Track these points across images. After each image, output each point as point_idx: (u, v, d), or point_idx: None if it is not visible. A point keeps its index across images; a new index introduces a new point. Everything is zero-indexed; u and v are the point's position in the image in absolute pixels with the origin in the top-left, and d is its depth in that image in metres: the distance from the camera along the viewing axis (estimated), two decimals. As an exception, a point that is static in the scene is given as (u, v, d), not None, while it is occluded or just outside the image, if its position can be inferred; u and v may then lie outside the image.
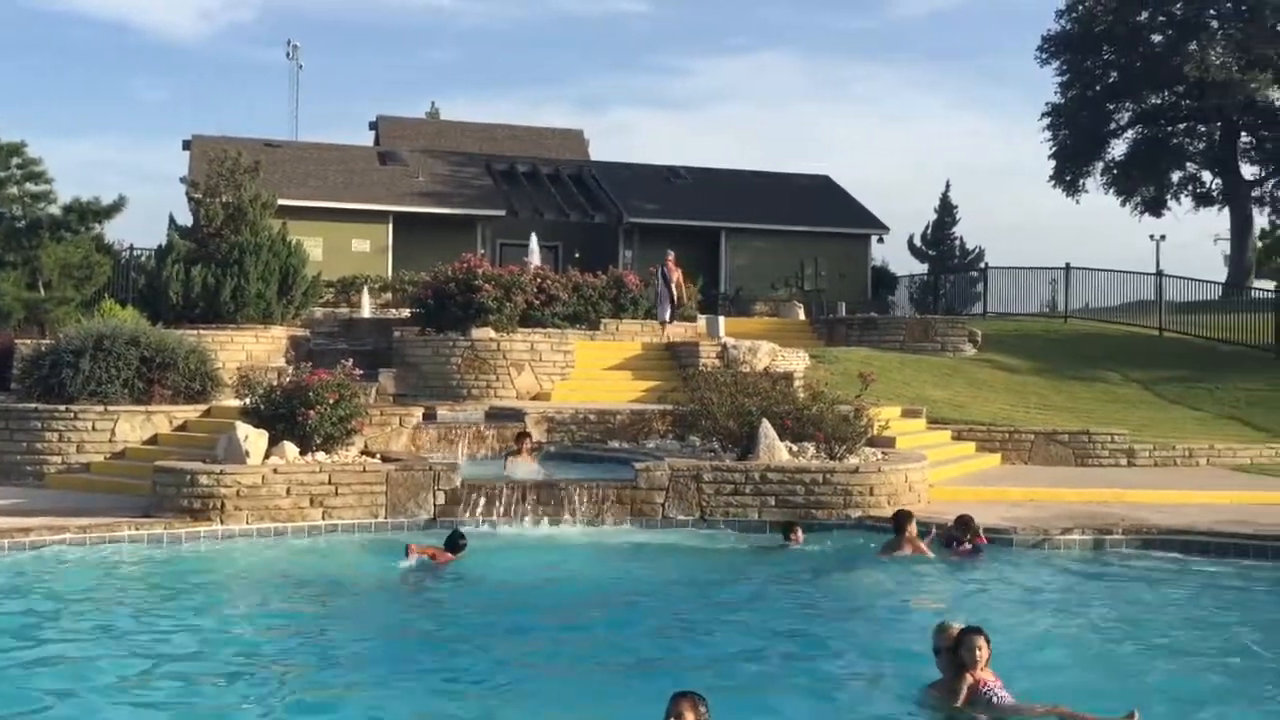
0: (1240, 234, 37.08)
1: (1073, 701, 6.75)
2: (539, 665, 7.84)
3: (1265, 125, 36.38)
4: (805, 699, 7.22)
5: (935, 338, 24.64)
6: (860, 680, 7.62)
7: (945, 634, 6.97)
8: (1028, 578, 10.88)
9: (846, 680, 7.64)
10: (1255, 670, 7.95)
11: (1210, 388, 22.05)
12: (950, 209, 45.17)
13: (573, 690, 7.30)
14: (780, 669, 7.84)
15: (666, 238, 31.89)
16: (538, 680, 7.50)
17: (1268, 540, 11.85)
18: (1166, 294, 27.46)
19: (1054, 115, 37.43)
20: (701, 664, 7.81)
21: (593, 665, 7.86)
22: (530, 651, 8.17)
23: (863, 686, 7.49)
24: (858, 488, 13.01)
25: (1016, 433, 17.63)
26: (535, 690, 7.27)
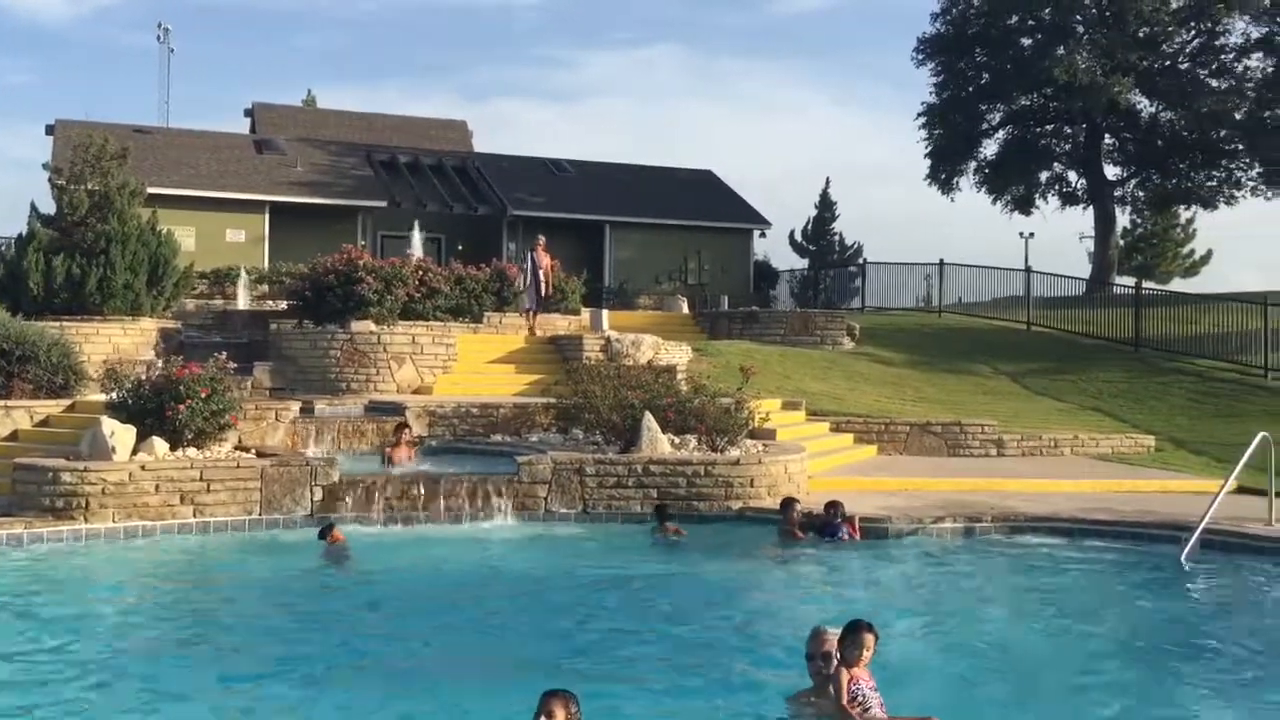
0: (1103, 232, 38.53)
1: (938, 690, 6.95)
2: (413, 661, 7.76)
3: (1127, 128, 37.83)
4: (675, 696, 7.12)
5: (815, 331, 25.10)
6: (738, 677, 7.59)
7: (820, 639, 6.44)
8: (902, 566, 11.16)
9: (722, 677, 7.55)
10: (1111, 648, 8.32)
11: (1074, 380, 22.91)
12: (830, 205, 46.17)
13: (445, 687, 7.19)
14: (652, 665, 7.76)
15: (551, 230, 31.68)
16: (411, 677, 7.40)
17: (1125, 526, 12.39)
18: (1034, 290, 28.45)
19: (929, 115, 38.34)
20: (574, 658, 7.80)
21: (468, 660, 7.80)
22: (406, 647, 8.08)
23: (740, 682, 7.47)
24: (739, 479, 13.17)
25: (892, 424, 18.06)
26: (408, 688, 7.17)
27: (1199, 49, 36.99)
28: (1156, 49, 35.98)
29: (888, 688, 6.39)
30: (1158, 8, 34.18)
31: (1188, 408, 20.76)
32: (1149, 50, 35.58)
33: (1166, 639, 8.77)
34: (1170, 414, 20.31)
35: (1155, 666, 8.02)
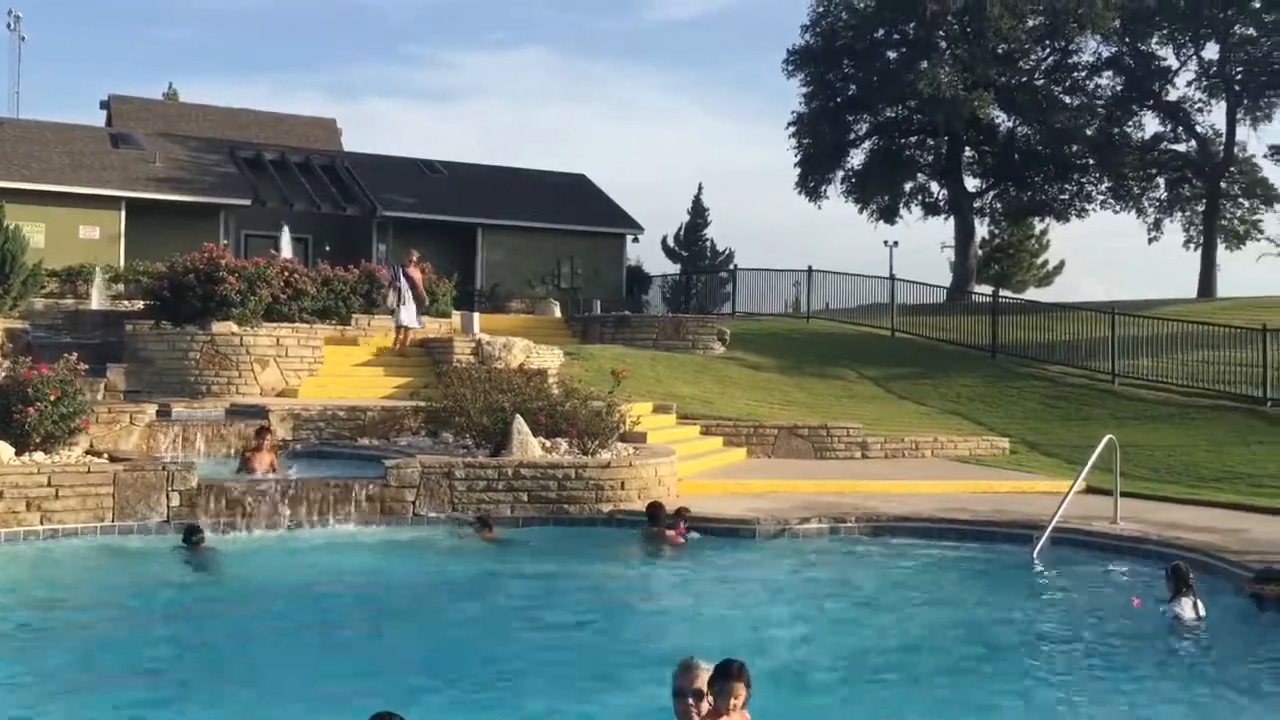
0: (963, 242, 39.88)
1: (795, 687, 7.08)
2: (252, 672, 7.57)
3: (986, 141, 39.25)
4: (523, 704, 7.03)
5: (686, 336, 25.36)
6: (601, 686, 7.54)
7: (690, 674, 5.47)
8: (767, 567, 11.34)
9: (580, 690, 7.43)
10: (962, 642, 8.61)
11: (935, 384, 23.61)
12: (703, 211, 46.71)
13: (286, 697, 7.04)
14: (505, 674, 7.64)
15: (422, 232, 31.47)
16: (253, 686, 7.21)
17: (981, 525, 12.83)
18: (898, 297, 29.22)
19: (799, 125, 39.14)
20: (420, 668, 7.69)
21: (310, 671, 7.60)
22: (248, 657, 7.89)
23: (599, 693, 7.42)
24: (609, 482, 13.21)
25: (761, 427, 18.34)
26: (248, 698, 6.99)
27: (1053, 66, 38.64)
28: (1014, 66, 37.44)
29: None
30: (1015, 26, 35.55)
31: (1041, 412, 21.60)
32: (1007, 67, 37.01)
33: (1014, 632, 9.11)
34: (1024, 418, 21.09)
35: (1001, 658, 8.31)
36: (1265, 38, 36.98)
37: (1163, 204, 39.77)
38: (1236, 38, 37.30)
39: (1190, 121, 38.75)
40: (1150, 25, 37.79)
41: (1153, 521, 12.83)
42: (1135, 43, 38.28)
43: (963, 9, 35.08)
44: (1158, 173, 39.41)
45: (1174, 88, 38.80)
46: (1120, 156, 37.96)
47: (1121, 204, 39.48)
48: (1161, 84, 38.64)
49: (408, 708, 5.13)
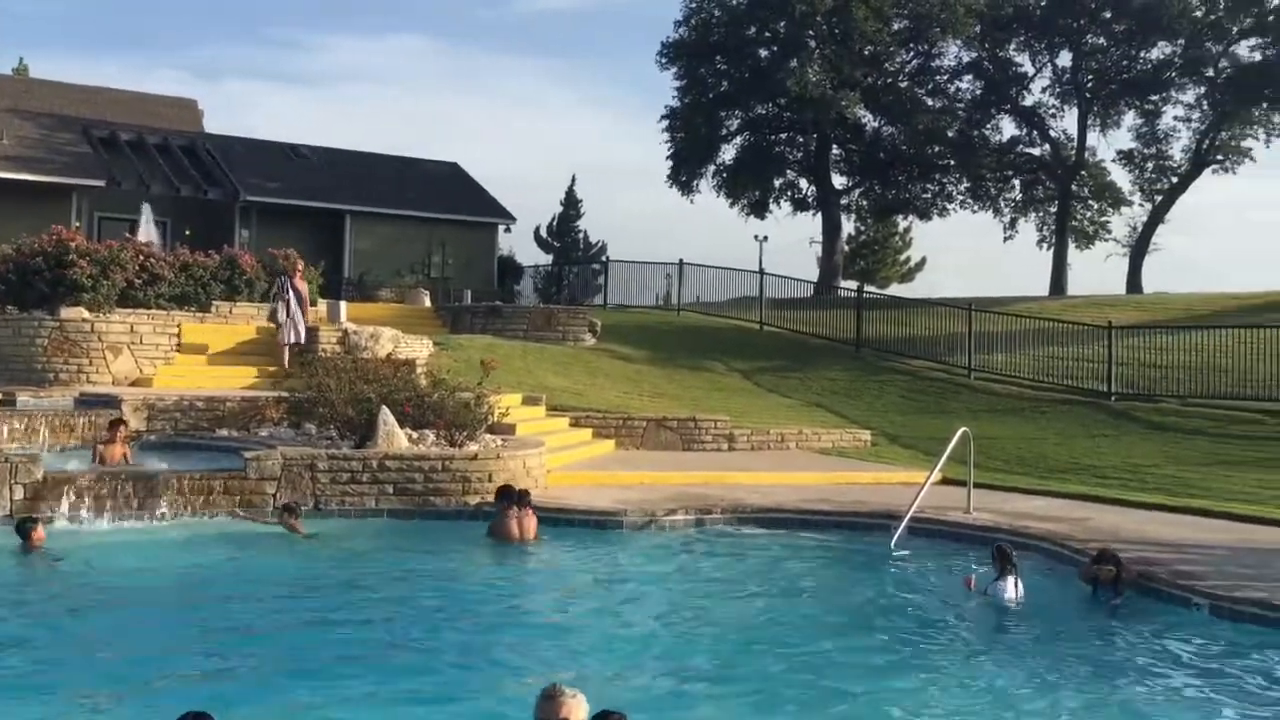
0: (830, 238, 40.72)
1: (655, 675, 7.15)
2: (84, 670, 7.31)
3: (853, 140, 40.14)
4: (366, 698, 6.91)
5: (557, 327, 25.35)
6: (452, 673, 7.51)
7: (554, 706, 4.73)
8: (633, 557, 11.42)
9: (436, 677, 7.39)
10: (821, 628, 8.82)
11: (801, 378, 24.09)
12: (575, 203, 46.58)
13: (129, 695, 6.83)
14: (350, 665, 7.49)
15: (288, 218, 30.73)
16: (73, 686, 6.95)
17: (842, 516, 13.15)
18: (767, 291, 29.70)
19: (672, 119, 39.40)
20: (271, 661, 7.54)
21: (149, 668, 7.35)
22: (87, 655, 7.61)
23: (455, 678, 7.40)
24: (477, 474, 13.11)
25: (630, 419, 18.44)
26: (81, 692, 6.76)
27: (917, 69, 39.72)
28: (880, 67, 38.38)
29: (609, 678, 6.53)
30: (880, 28, 36.41)
31: (901, 405, 22.23)
32: (873, 68, 37.90)
33: (871, 618, 9.40)
34: (886, 411, 21.68)
35: (857, 642, 8.57)
36: (1115, 47, 38.70)
37: (1018, 204, 41.31)
38: (1088, 47, 38.94)
39: (1044, 126, 40.31)
40: (1008, 32, 39.18)
41: (1004, 511, 13.33)
42: (994, 49, 39.63)
43: (831, 10, 35.77)
44: (1014, 174, 40.89)
45: (1030, 93, 40.35)
46: (979, 158, 39.27)
47: (980, 204, 40.85)
48: (1018, 89, 40.09)
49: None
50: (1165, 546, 11.34)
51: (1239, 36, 37.62)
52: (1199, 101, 38.61)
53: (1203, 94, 38.33)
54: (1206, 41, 37.56)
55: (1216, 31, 37.48)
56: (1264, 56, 37.09)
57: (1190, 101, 38.86)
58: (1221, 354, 21.22)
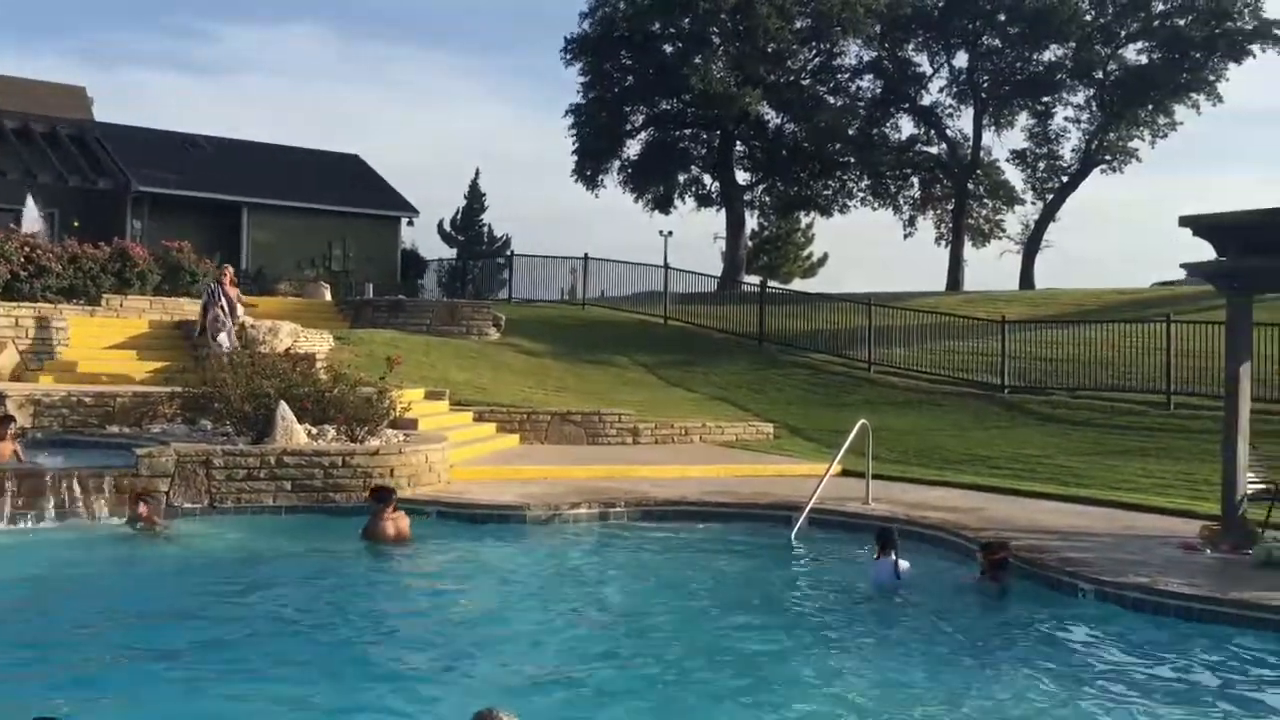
0: (734, 233, 41.07)
1: (558, 673, 7.15)
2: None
3: (756, 136, 40.52)
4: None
5: (461, 322, 25.18)
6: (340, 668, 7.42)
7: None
8: (538, 551, 11.40)
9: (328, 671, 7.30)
10: (724, 619, 8.92)
11: (705, 371, 24.29)
12: (480, 196, 46.40)
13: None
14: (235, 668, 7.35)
15: (182, 210, 29.96)
16: None
17: (744, 508, 13.30)
18: (672, 285, 29.89)
19: (577, 113, 39.34)
20: (161, 660, 7.39)
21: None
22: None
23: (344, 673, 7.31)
24: (378, 470, 12.96)
25: (534, 413, 18.40)
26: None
27: (819, 67, 40.25)
28: (783, 65, 38.79)
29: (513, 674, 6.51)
30: (783, 27, 36.81)
31: (803, 398, 22.54)
32: (776, 65, 38.30)
33: (769, 608, 9.54)
34: (788, 404, 21.97)
35: (755, 632, 8.67)
36: (1009, 49, 39.72)
37: (916, 202, 42.18)
38: (984, 48, 39.93)
39: (942, 125, 41.23)
40: (907, 33, 39.97)
41: (902, 501, 13.61)
42: (893, 49, 40.39)
43: (735, 7, 36.05)
44: (912, 172, 41.73)
45: (928, 93, 41.23)
46: (879, 156, 39.98)
47: (880, 201, 41.60)
48: (916, 89, 40.92)
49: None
50: (1054, 534, 11.69)
51: (1126, 40, 38.91)
52: (1088, 103, 39.86)
53: (1092, 96, 39.59)
54: (1096, 45, 38.77)
55: (1105, 35, 38.71)
56: (1149, 60, 38.41)
57: (1080, 103, 40.13)
58: (1108, 348, 21.92)
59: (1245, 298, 11.62)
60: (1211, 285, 13.31)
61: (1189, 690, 7.48)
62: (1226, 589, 9.25)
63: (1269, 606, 8.73)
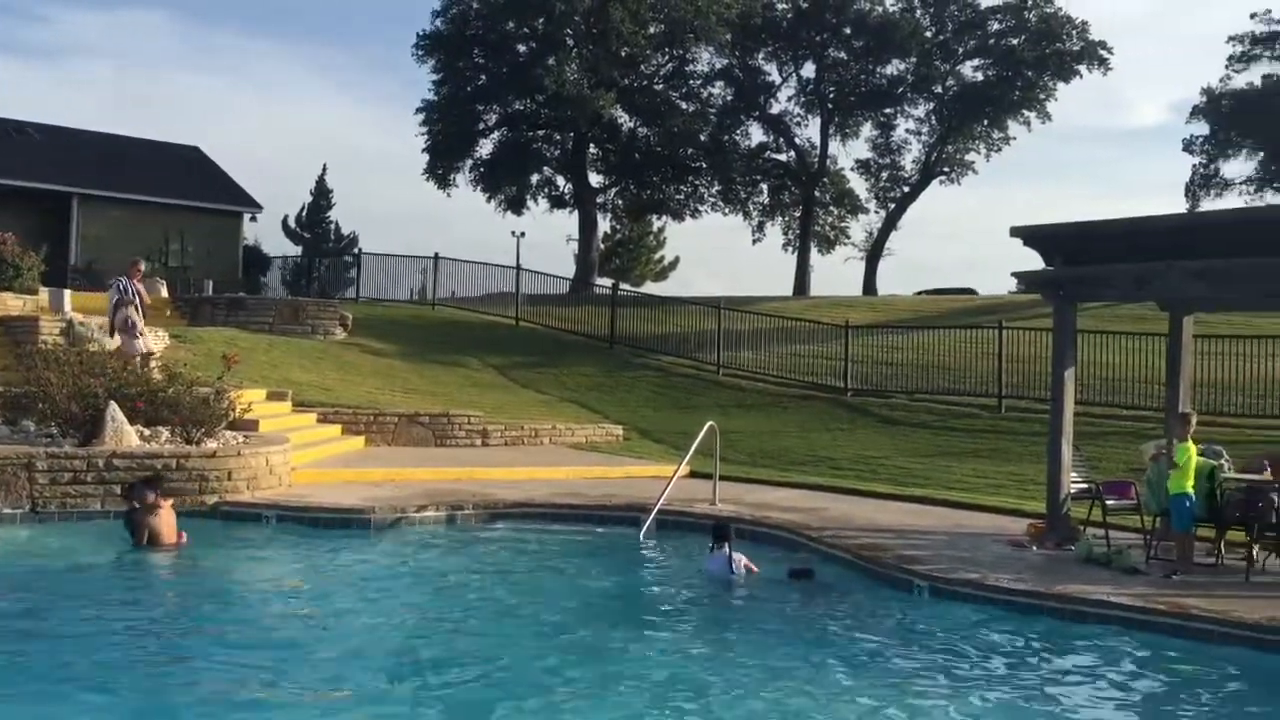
0: (587, 235, 41.18)
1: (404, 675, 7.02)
2: None
3: (610, 139, 40.73)
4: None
5: (306, 321, 24.57)
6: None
7: None
8: (382, 555, 11.18)
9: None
10: (568, 619, 8.93)
11: (556, 373, 24.26)
12: (327, 193, 45.24)
13: None
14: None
15: (5, 200, 28.38)
16: None
17: (593, 509, 13.33)
18: (524, 287, 29.77)
19: (429, 111, 38.83)
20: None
21: None
22: None
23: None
24: (215, 473, 12.53)
25: (381, 415, 18.07)
26: None
27: (672, 73, 40.71)
28: (636, 69, 39.09)
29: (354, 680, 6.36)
30: (637, 32, 37.09)
31: (653, 400, 22.73)
32: (629, 70, 38.59)
33: (614, 607, 9.60)
34: (637, 406, 22.11)
35: (600, 631, 8.73)
36: (854, 62, 40.93)
37: (765, 208, 43.07)
38: (830, 60, 41.05)
39: (790, 134, 42.23)
40: (757, 42, 40.80)
41: (747, 502, 13.83)
42: (744, 57, 41.15)
43: (589, 10, 36.15)
44: (762, 179, 42.60)
45: (777, 101, 42.20)
46: (729, 162, 40.66)
47: (730, 206, 42.31)
48: (766, 97, 41.81)
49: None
50: (892, 533, 12.06)
51: (964, 58, 40.55)
52: (928, 116, 41.42)
53: (931, 110, 41.13)
54: (935, 61, 40.27)
55: (944, 52, 40.25)
56: (985, 77, 40.07)
57: (920, 116, 41.69)
58: (945, 352, 22.75)
59: (1070, 305, 12.21)
60: (1039, 294, 13.93)
61: (1011, 679, 7.80)
62: (1050, 584, 9.69)
63: (1088, 600, 9.19)
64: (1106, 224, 11.85)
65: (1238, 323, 19.75)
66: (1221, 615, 8.58)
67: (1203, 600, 9.04)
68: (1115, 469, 14.70)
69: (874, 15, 39.42)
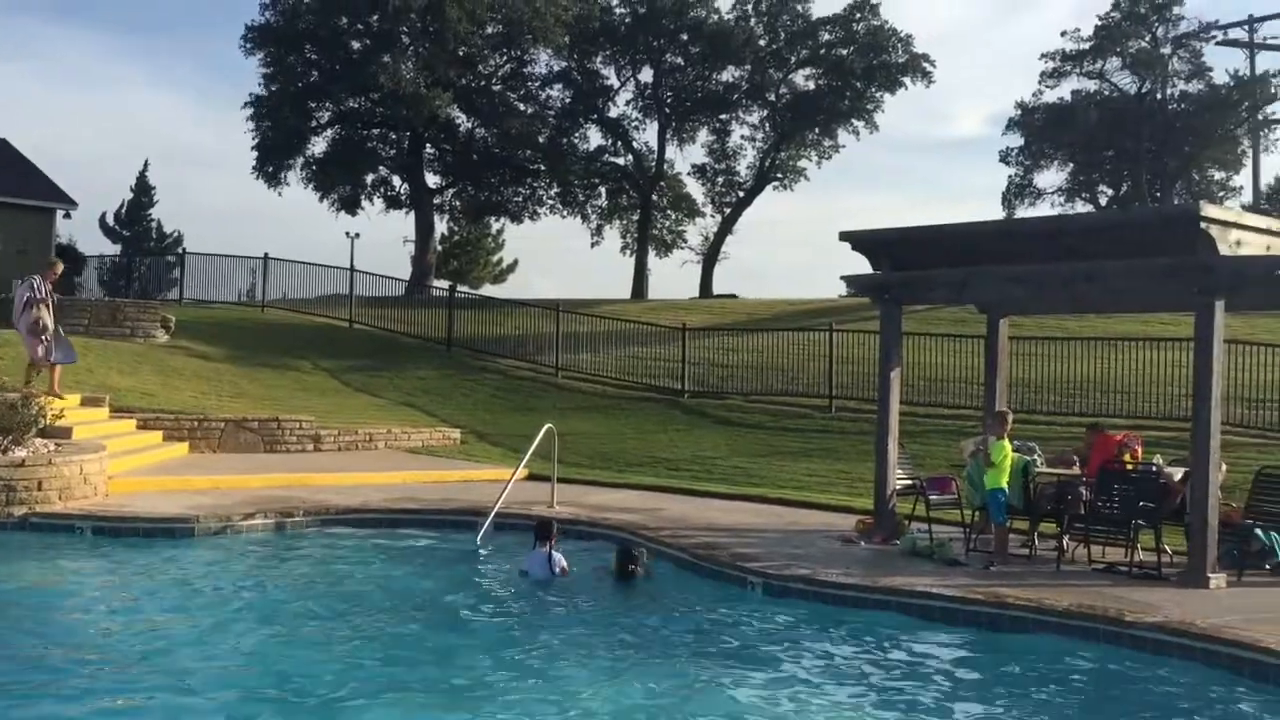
0: (423, 237, 40.55)
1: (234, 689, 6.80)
2: None
3: (447, 140, 40.20)
4: None
5: (125, 323, 23.53)
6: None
7: None
8: (205, 565, 10.76)
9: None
10: (403, 626, 8.78)
11: (392, 377, 23.84)
12: (149, 190, 43.50)
13: None
14: None
15: None
16: None
17: (429, 514, 13.16)
18: (359, 289, 29.18)
19: (258, 107, 37.59)
20: None
21: None
22: None
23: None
24: (23, 483, 11.85)
25: (207, 420, 17.41)
26: None
27: (510, 74, 40.47)
28: (474, 69, 38.72)
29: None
30: (474, 31, 36.75)
31: (491, 403, 22.56)
32: (467, 69, 38.18)
33: (447, 612, 9.47)
34: (475, 409, 21.91)
35: (430, 636, 8.65)
36: (690, 68, 41.50)
37: (604, 211, 43.26)
38: (668, 65, 41.52)
39: (628, 138, 42.52)
40: (595, 45, 40.95)
41: (586, 504, 13.87)
42: (582, 60, 41.25)
43: (425, 8, 35.62)
44: (600, 182, 42.76)
45: (615, 105, 42.41)
46: (568, 165, 40.68)
47: (568, 209, 42.33)
48: (604, 101, 41.98)
49: None
50: (727, 531, 12.28)
51: (796, 66, 41.56)
52: (762, 123, 42.31)
53: (765, 116, 42.02)
54: (769, 69, 41.17)
55: (777, 60, 41.19)
56: (816, 86, 41.19)
57: (755, 123, 42.53)
58: (779, 354, 23.29)
59: (895, 308, 12.66)
60: (867, 296, 14.39)
61: (839, 671, 8.03)
62: (877, 577, 10.02)
63: (912, 592, 9.53)
64: (930, 230, 12.35)
65: (1050, 325, 20.81)
66: (1034, 603, 9.03)
67: (1017, 589, 9.50)
68: (938, 465, 15.31)
69: (710, 23, 40.06)
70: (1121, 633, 8.42)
